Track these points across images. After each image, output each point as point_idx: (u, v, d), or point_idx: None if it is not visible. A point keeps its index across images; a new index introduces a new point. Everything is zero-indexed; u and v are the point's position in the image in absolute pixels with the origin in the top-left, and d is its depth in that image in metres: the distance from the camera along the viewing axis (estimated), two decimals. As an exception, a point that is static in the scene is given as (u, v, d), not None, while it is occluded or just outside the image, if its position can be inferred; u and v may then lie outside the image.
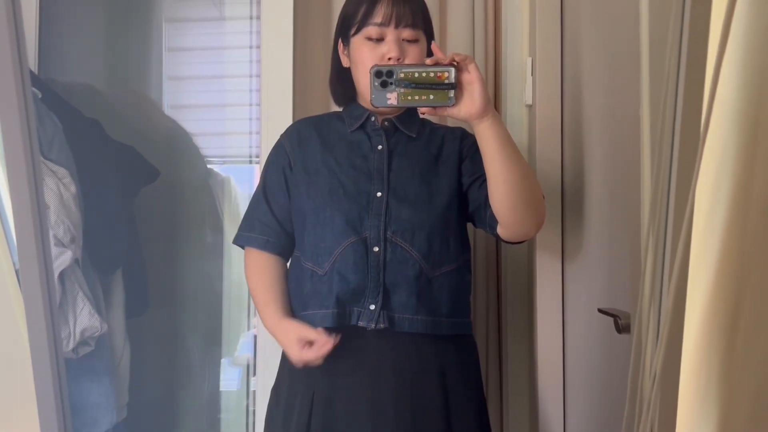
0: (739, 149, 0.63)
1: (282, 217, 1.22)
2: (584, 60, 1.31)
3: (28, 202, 0.70)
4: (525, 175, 1.08)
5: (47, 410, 0.74)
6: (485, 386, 1.52)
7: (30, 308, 0.75)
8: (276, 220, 1.22)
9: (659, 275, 0.68)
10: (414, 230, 1.14)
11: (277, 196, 1.22)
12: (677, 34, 0.63)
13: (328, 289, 1.13)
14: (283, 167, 1.22)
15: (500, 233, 1.15)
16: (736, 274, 0.63)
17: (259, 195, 1.25)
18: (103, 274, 1.57)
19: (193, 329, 1.98)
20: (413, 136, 1.21)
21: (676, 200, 0.65)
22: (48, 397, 0.74)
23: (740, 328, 0.63)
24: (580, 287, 1.36)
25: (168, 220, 1.97)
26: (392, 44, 1.13)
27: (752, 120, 0.62)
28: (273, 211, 1.22)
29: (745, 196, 0.62)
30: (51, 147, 1.39)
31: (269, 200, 1.23)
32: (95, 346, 1.43)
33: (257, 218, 1.23)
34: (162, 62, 2.05)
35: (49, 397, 0.74)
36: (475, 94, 1.01)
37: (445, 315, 1.15)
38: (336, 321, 1.11)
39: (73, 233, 1.37)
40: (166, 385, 1.95)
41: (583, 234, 1.33)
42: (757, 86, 0.60)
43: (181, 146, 1.99)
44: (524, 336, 1.54)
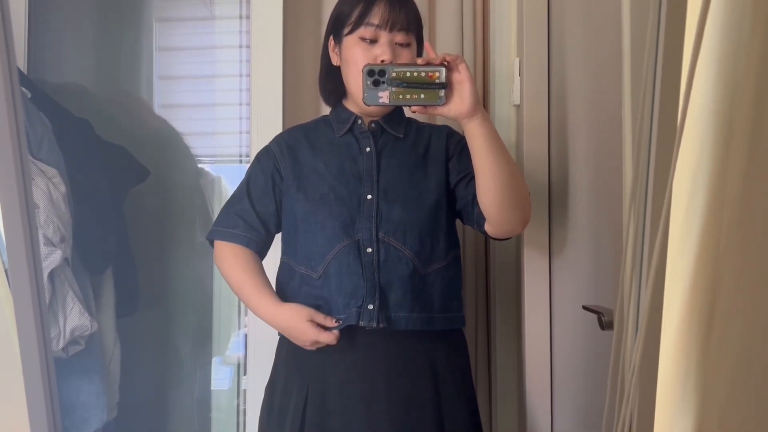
0: (715, 148, 0.64)
1: (264, 219, 1.23)
2: (570, 61, 1.33)
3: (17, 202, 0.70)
4: (512, 173, 1.10)
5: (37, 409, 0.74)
6: (474, 382, 1.54)
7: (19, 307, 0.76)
8: (259, 220, 1.22)
9: (638, 271, 0.70)
10: (405, 229, 1.15)
11: (261, 198, 1.23)
12: (654, 35, 0.65)
13: (324, 292, 1.14)
14: (272, 172, 1.23)
15: (488, 230, 1.16)
16: (712, 270, 0.65)
17: (242, 193, 1.24)
18: (93, 273, 1.58)
19: (183, 328, 1.99)
20: (400, 136, 1.22)
21: (653, 198, 0.66)
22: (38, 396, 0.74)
23: (716, 323, 0.65)
24: (566, 284, 1.38)
25: (158, 220, 1.97)
26: (386, 47, 1.14)
27: (727, 120, 0.63)
28: (257, 211, 1.22)
29: (720, 194, 0.64)
30: (40, 147, 1.40)
31: (253, 200, 1.23)
32: (85, 346, 1.43)
33: (240, 215, 1.22)
34: (153, 62, 2.05)
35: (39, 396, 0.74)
36: (465, 94, 1.03)
37: (439, 311, 1.17)
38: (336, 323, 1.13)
39: (63, 233, 1.37)
40: (157, 384, 1.95)
41: (569, 232, 1.35)
42: (731, 87, 0.62)
43: (172, 146, 1.99)
44: (512, 332, 1.56)
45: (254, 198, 1.23)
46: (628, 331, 0.72)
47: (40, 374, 0.75)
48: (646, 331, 0.65)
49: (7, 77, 0.69)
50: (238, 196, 1.25)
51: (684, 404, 0.67)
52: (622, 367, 0.75)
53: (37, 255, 0.74)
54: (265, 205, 1.23)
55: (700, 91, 0.63)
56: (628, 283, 0.74)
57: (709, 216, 0.64)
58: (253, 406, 1.50)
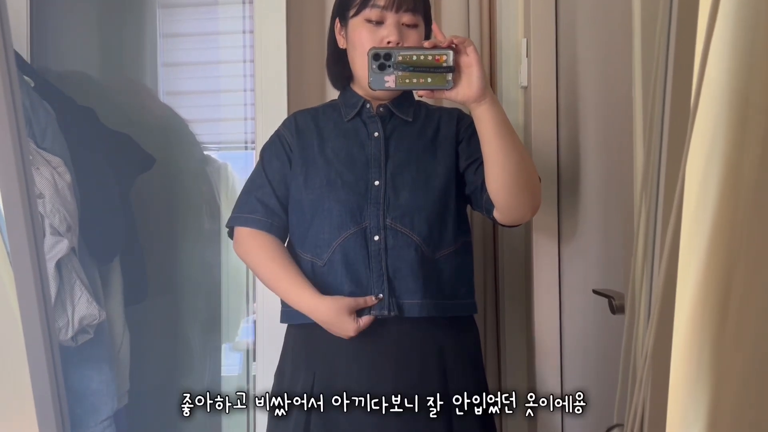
0: (730, 128, 0.62)
1: (284, 203, 1.21)
2: (579, 41, 1.30)
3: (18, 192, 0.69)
4: (522, 159, 1.08)
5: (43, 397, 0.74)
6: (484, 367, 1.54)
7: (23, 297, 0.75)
8: (280, 204, 1.20)
9: (650, 255, 0.68)
10: (413, 214, 1.14)
11: (279, 183, 1.21)
12: (666, 11, 0.62)
13: (331, 281, 1.14)
14: (287, 154, 1.21)
15: (496, 217, 1.15)
16: (726, 256, 0.63)
17: (261, 177, 1.22)
18: (100, 262, 1.58)
19: (192, 315, 1.99)
20: (409, 120, 1.21)
21: (666, 182, 0.64)
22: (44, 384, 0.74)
23: (731, 306, 0.63)
24: (576, 269, 1.36)
25: (166, 208, 1.97)
26: (392, 28, 1.12)
27: (743, 98, 0.61)
28: (277, 196, 1.20)
29: (735, 178, 0.62)
30: (44, 136, 1.39)
31: (273, 184, 1.21)
32: (94, 334, 1.44)
33: (259, 200, 1.20)
34: (157, 49, 2.03)
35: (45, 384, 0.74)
36: (473, 78, 1.01)
37: (450, 297, 1.16)
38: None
39: (69, 222, 1.37)
40: (167, 372, 1.96)
41: (579, 215, 1.33)
42: (747, 63, 0.60)
43: (177, 133, 1.98)
44: (522, 317, 1.55)
45: (273, 183, 1.21)
46: (640, 318, 0.71)
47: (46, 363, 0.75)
48: (659, 318, 0.64)
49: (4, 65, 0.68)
50: (258, 181, 1.22)
51: (697, 391, 0.65)
52: (634, 353, 0.73)
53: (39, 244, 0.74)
54: (283, 190, 1.21)
55: (714, 69, 0.61)
56: (640, 268, 0.73)
57: (723, 201, 0.63)
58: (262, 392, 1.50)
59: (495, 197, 1.11)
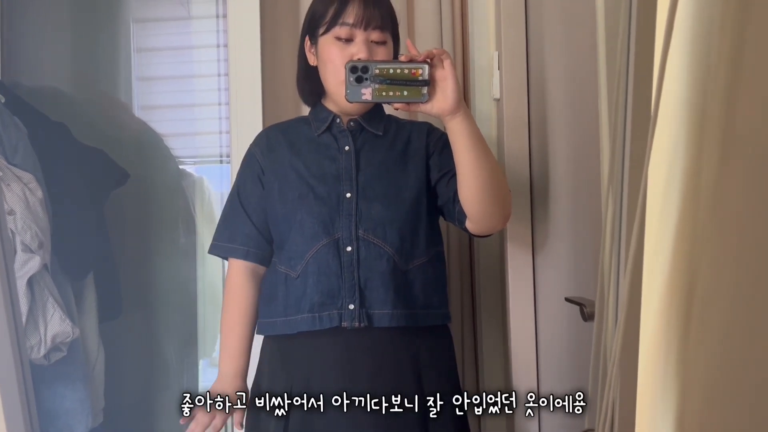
0: (689, 137, 0.65)
1: (261, 226, 1.22)
2: (548, 54, 1.33)
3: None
4: (493, 171, 1.10)
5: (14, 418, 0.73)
6: (462, 376, 1.54)
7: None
8: (256, 229, 1.22)
9: (616, 262, 0.70)
10: (385, 225, 1.15)
11: (255, 205, 1.23)
12: (626, 27, 0.65)
13: (302, 292, 1.14)
14: (258, 174, 1.23)
15: (469, 227, 1.16)
16: (690, 259, 0.66)
17: (236, 204, 1.24)
18: (74, 278, 1.56)
19: (168, 331, 1.97)
20: (380, 134, 1.22)
21: (629, 188, 0.67)
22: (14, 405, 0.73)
23: (694, 310, 0.65)
24: (549, 278, 1.38)
25: (140, 222, 1.95)
26: (361, 45, 1.14)
27: (700, 108, 0.64)
28: (252, 220, 1.22)
29: (695, 183, 0.64)
30: (15, 152, 1.37)
31: (246, 209, 1.23)
32: (67, 352, 1.42)
33: (236, 228, 1.23)
34: (131, 63, 2.02)
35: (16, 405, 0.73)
36: (448, 91, 1.03)
37: (422, 307, 1.17)
38: (316, 324, 1.13)
39: (41, 238, 1.35)
40: (144, 388, 1.94)
41: (551, 225, 1.36)
42: (703, 76, 0.62)
43: (152, 148, 1.97)
44: (498, 326, 1.56)
45: (248, 208, 1.23)
46: (608, 322, 0.72)
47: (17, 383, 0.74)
48: (626, 321, 0.66)
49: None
50: (233, 208, 1.25)
51: (665, 391, 0.67)
52: (603, 356, 0.75)
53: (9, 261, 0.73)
54: (258, 213, 1.22)
55: (672, 81, 0.63)
56: (607, 274, 0.75)
57: (685, 205, 0.65)
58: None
59: (468, 208, 1.13)
